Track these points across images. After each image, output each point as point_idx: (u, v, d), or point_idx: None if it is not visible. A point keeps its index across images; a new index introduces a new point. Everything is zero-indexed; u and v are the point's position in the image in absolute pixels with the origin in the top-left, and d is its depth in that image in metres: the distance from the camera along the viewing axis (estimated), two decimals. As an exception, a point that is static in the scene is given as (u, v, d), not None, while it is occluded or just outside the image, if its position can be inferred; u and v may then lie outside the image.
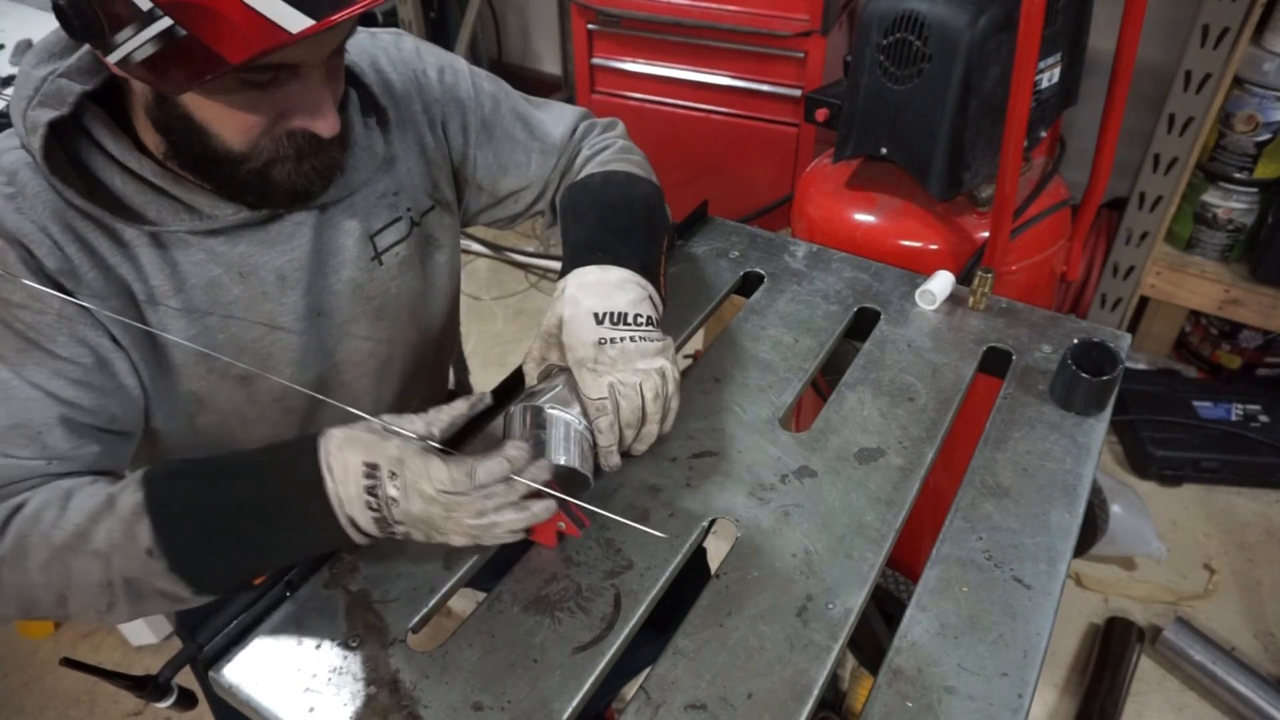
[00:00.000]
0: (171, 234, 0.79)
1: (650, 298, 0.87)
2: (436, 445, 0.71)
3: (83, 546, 0.67)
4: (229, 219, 0.80)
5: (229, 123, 0.72)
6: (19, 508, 0.69)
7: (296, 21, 0.61)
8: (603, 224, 0.91)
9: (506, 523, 0.69)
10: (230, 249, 0.81)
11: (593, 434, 0.80)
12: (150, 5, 0.63)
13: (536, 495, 0.71)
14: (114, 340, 0.77)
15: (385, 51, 0.94)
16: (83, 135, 0.75)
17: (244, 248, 0.82)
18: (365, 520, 0.67)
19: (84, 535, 0.67)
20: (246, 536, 0.68)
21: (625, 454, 0.84)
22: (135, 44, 0.65)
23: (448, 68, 0.98)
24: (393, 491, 0.66)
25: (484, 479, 0.68)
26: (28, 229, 0.72)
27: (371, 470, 0.66)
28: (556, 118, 1.06)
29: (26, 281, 0.71)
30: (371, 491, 0.66)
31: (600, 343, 0.81)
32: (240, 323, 0.84)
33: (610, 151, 1.04)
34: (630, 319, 0.83)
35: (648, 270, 0.88)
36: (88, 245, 0.75)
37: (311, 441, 0.68)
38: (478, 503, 0.68)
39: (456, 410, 0.74)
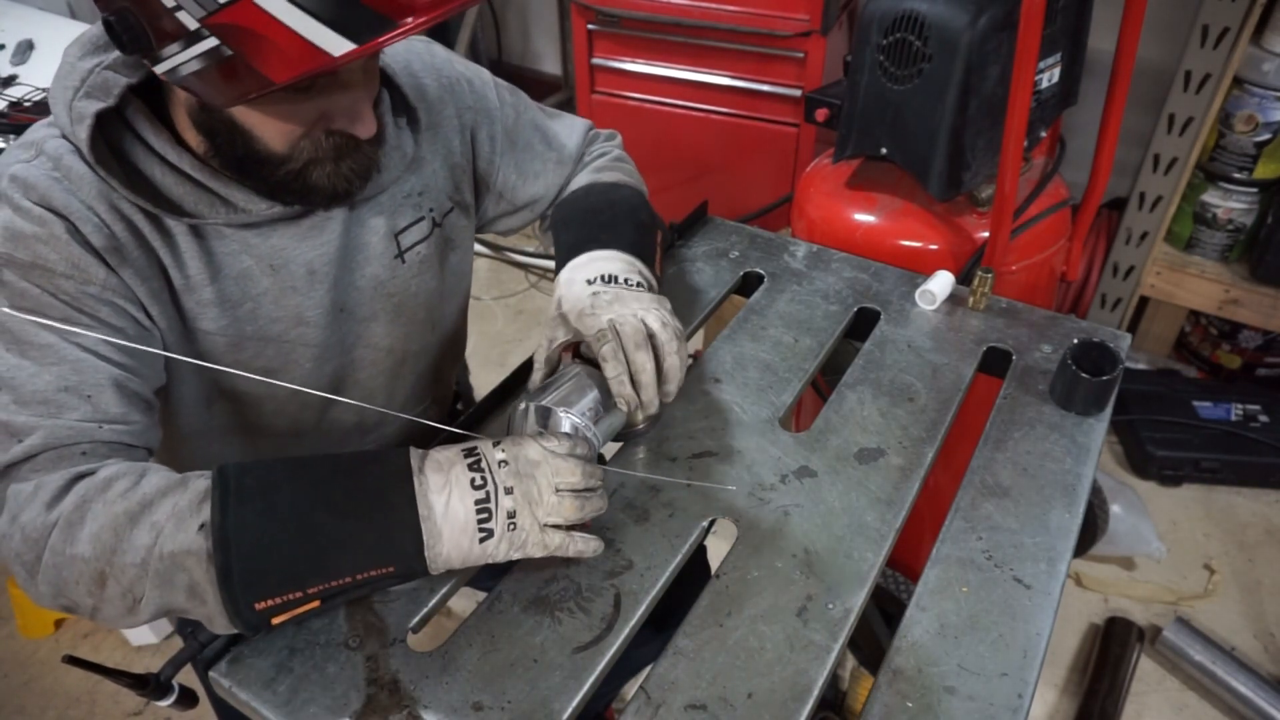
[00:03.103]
0: (208, 226, 0.80)
1: (640, 270, 0.91)
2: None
3: (144, 516, 0.65)
4: (263, 213, 0.81)
5: (271, 127, 0.74)
6: (83, 475, 0.68)
7: (339, 45, 0.62)
8: (589, 224, 0.96)
9: (593, 507, 0.72)
10: (263, 242, 0.83)
11: (597, 437, 0.80)
12: (197, 25, 0.63)
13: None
14: (150, 319, 0.78)
15: (419, 57, 0.96)
16: (124, 127, 0.77)
17: (276, 241, 0.83)
18: (465, 509, 0.66)
19: (149, 505, 0.66)
20: (310, 525, 0.64)
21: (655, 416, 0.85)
22: (182, 59, 0.66)
23: (476, 78, 1.01)
24: (500, 455, 0.69)
25: (583, 453, 0.72)
26: (75, 206, 0.73)
27: (471, 450, 0.69)
28: (569, 129, 1.09)
29: (73, 252, 0.72)
30: (475, 467, 0.68)
31: (595, 294, 0.85)
32: (268, 314, 0.85)
33: (605, 159, 1.09)
34: (621, 280, 0.88)
35: (637, 253, 0.93)
36: (132, 226, 0.76)
37: (401, 448, 0.70)
38: (581, 463, 0.70)
39: None
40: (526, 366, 0.97)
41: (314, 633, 0.72)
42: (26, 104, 1.76)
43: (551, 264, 2.71)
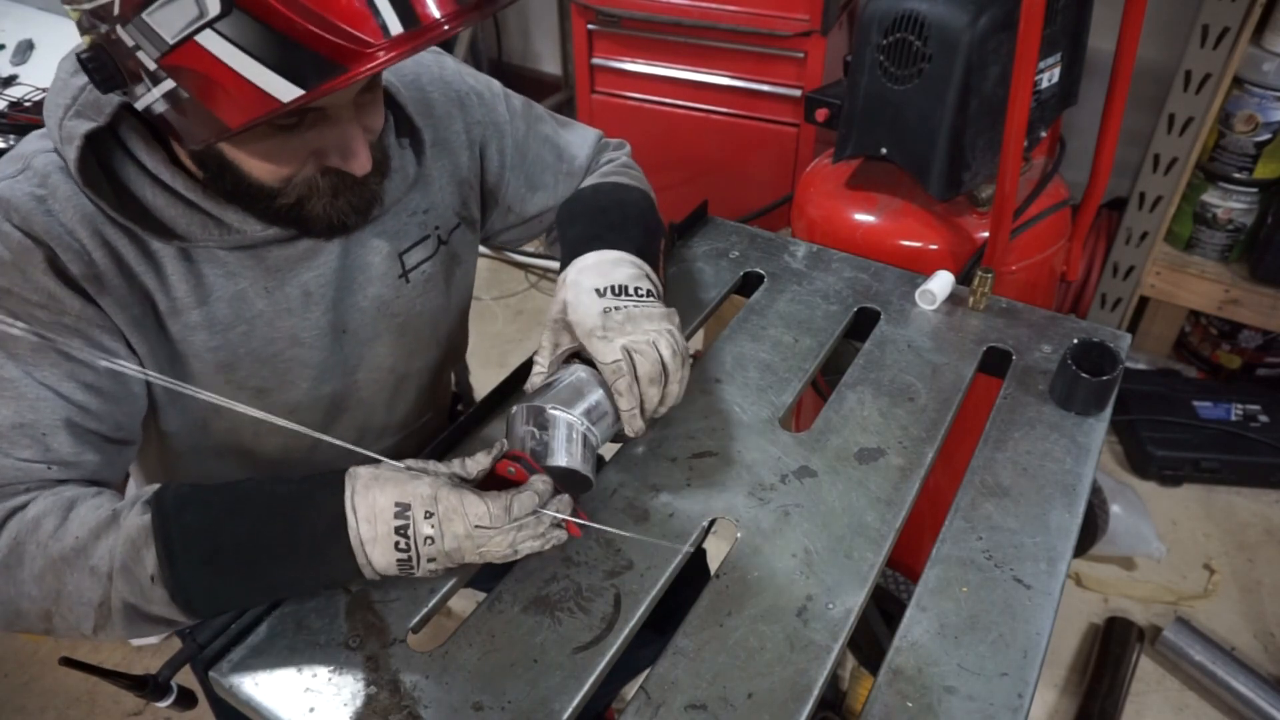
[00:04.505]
0: (200, 248, 0.79)
1: (648, 276, 0.89)
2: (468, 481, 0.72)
3: (80, 561, 0.66)
4: (258, 235, 0.80)
5: (259, 165, 0.73)
6: (18, 510, 0.69)
7: (287, 91, 0.61)
8: (596, 222, 0.94)
9: (526, 550, 0.71)
10: (257, 264, 0.82)
11: (595, 435, 0.80)
12: (155, 66, 0.63)
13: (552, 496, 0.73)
14: (129, 347, 0.77)
15: (428, 70, 0.95)
16: (117, 145, 0.75)
17: (271, 263, 0.82)
18: (386, 562, 0.68)
19: (83, 550, 0.66)
20: (256, 571, 0.67)
21: (650, 422, 0.85)
22: (150, 99, 0.66)
23: (486, 90, 0.99)
24: (428, 530, 0.67)
25: (519, 513, 0.69)
26: (56, 231, 0.72)
27: (403, 510, 0.67)
28: (581, 140, 1.08)
29: (48, 282, 0.71)
30: (402, 532, 0.67)
31: (606, 311, 0.83)
32: (262, 337, 0.84)
33: (612, 165, 1.07)
34: (631, 290, 0.85)
35: (644, 256, 0.91)
36: (114, 252, 0.75)
37: (336, 479, 0.68)
38: (510, 536, 0.69)
39: (480, 463, 0.74)
40: (526, 366, 0.97)
41: (314, 633, 0.72)
42: (26, 104, 1.76)
43: (550, 264, 2.73)
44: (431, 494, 0.68)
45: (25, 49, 1.98)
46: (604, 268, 0.87)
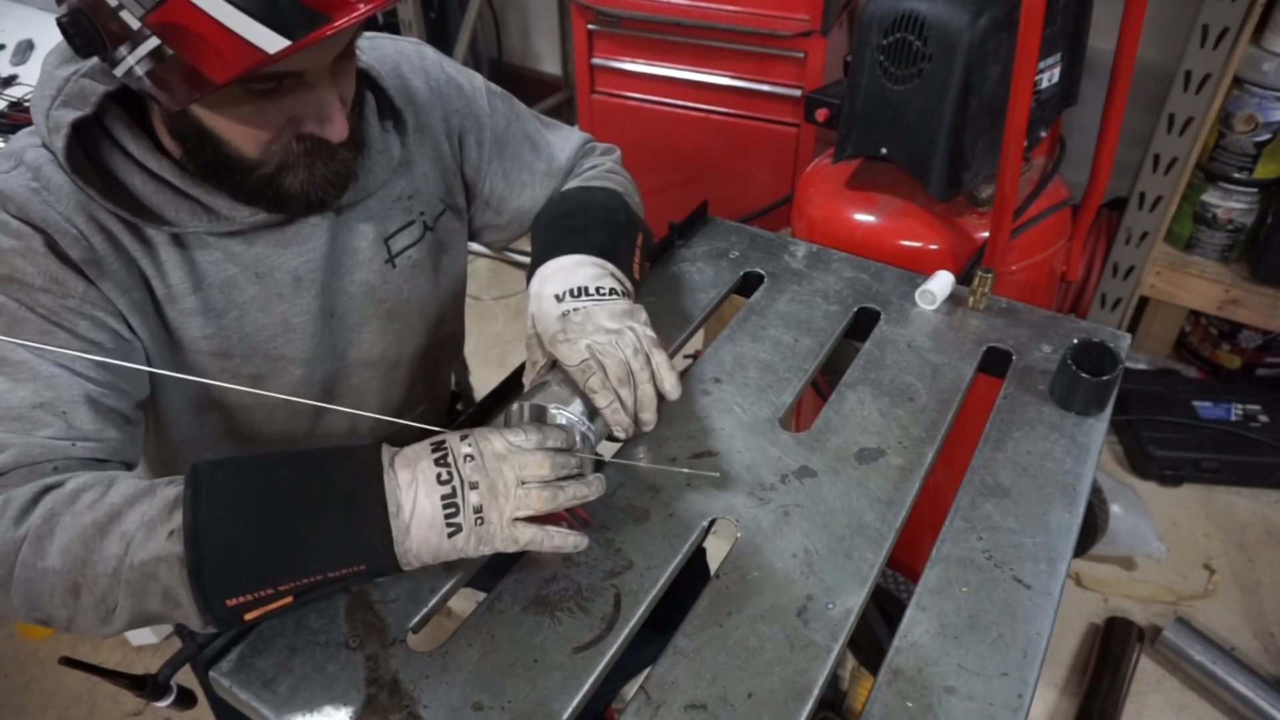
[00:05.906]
0: (190, 234, 0.79)
1: (612, 274, 0.88)
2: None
3: (112, 526, 0.64)
4: (246, 220, 0.80)
5: (238, 132, 0.73)
6: (51, 487, 0.67)
7: (272, 42, 0.62)
8: (558, 228, 0.94)
9: (572, 490, 0.70)
10: (247, 249, 0.82)
11: (593, 433, 0.80)
12: (139, 24, 0.64)
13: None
14: (131, 331, 0.78)
15: (409, 59, 0.95)
16: (104, 135, 0.76)
17: (260, 249, 0.83)
18: (431, 505, 0.65)
19: (117, 516, 0.65)
20: (281, 523, 0.64)
21: (637, 431, 0.86)
22: (132, 61, 0.66)
23: (467, 83, 1.00)
24: (465, 449, 0.68)
25: (548, 433, 0.71)
26: (53, 219, 0.73)
27: (439, 444, 0.68)
28: (564, 140, 1.07)
29: (51, 265, 0.72)
30: (441, 462, 0.67)
31: (565, 315, 0.83)
32: (254, 322, 0.84)
33: (595, 170, 1.07)
34: (592, 290, 0.85)
35: (608, 255, 0.90)
36: (112, 238, 0.76)
37: (374, 445, 0.69)
38: (550, 456, 0.69)
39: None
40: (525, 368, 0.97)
41: (314, 633, 0.72)
42: (26, 104, 1.76)
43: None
44: (460, 434, 0.70)
45: (25, 49, 1.98)
46: (563, 274, 0.87)
